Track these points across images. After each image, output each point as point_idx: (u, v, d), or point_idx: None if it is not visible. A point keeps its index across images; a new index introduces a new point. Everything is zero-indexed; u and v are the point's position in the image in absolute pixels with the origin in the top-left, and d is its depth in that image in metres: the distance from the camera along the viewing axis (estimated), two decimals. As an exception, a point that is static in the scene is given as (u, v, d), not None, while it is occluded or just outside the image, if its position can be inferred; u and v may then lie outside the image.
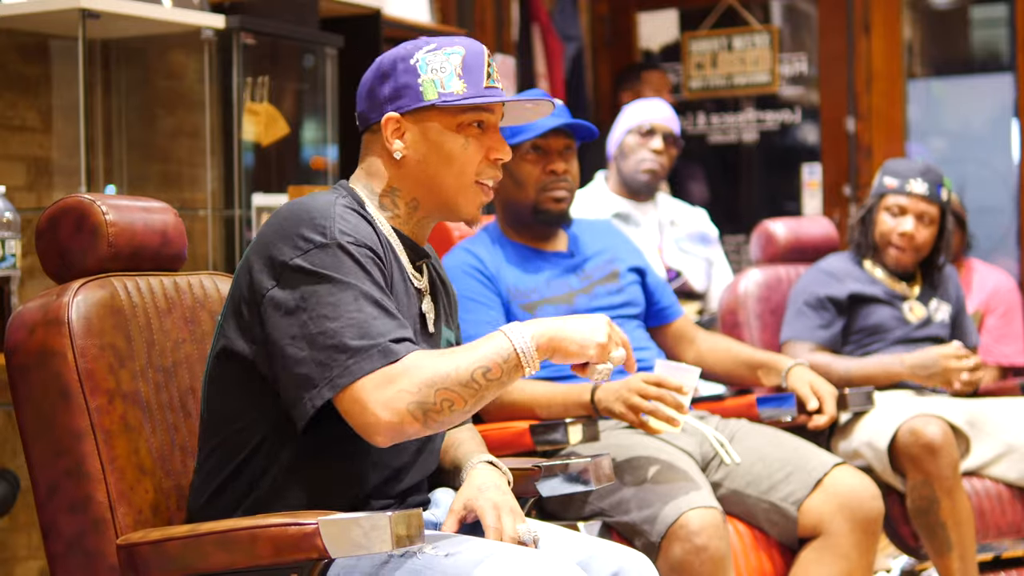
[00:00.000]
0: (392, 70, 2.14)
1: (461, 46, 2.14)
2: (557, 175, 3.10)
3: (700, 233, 4.58)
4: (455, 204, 2.16)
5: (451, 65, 2.11)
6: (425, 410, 1.93)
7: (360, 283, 1.98)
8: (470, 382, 1.95)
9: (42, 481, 2.07)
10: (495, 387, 1.97)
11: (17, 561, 3.75)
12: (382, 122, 2.13)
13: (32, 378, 2.07)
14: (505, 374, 1.97)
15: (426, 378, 1.93)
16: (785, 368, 3.24)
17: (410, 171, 2.14)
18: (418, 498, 2.21)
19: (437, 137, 2.13)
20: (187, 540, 1.93)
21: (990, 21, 6.92)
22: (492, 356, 1.96)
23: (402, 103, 2.13)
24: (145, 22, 3.60)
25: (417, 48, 2.14)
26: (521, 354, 1.97)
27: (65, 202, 2.15)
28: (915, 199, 3.82)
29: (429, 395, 1.93)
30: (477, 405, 1.98)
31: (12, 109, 3.75)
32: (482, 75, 2.13)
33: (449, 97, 2.11)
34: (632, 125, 4.35)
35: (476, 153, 2.14)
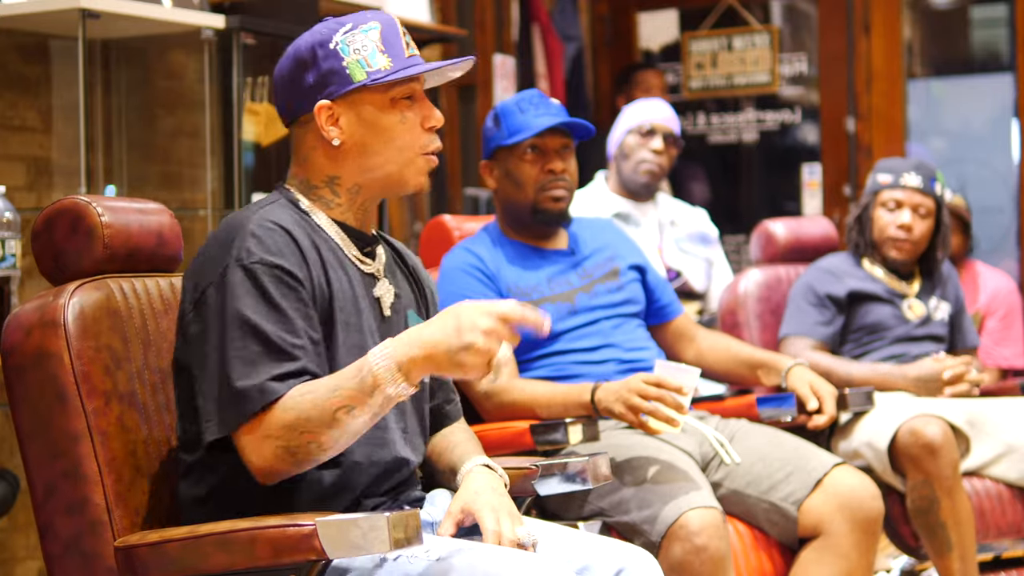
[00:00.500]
0: (313, 57, 2.10)
1: (375, 20, 2.11)
2: (555, 174, 3.10)
3: (700, 233, 4.58)
4: (402, 179, 2.14)
5: (371, 42, 2.09)
6: (292, 453, 1.93)
7: (252, 314, 1.96)
8: (333, 421, 1.92)
9: (39, 483, 2.07)
10: (366, 420, 1.93)
11: (17, 561, 3.75)
12: (314, 112, 2.10)
13: (28, 380, 2.07)
14: (372, 407, 1.91)
15: (290, 422, 1.92)
16: (785, 368, 3.23)
17: (350, 156, 2.11)
18: (412, 493, 2.20)
19: (373, 117, 2.10)
20: (185, 541, 1.93)
21: (990, 21, 6.92)
22: (354, 391, 1.90)
23: (331, 89, 2.09)
24: (145, 22, 3.60)
25: (332, 31, 2.11)
26: (388, 382, 1.90)
27: (61, 204, 2.15)
28: (910, 192, 3.83)
29: (294, 439, 1.92)
30: (351, 438, 1.95)
31: (12, 109, 3.75)
32: (401, 46, 2.11)
33: (377, 75, 2.08)
34: (632, 125, 4.35)
35: (414, 125, 2.12)
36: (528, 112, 3.09)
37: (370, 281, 2.16)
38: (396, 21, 2.13)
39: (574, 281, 3.17)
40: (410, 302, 2.24)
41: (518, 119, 3.09)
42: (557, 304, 3.11)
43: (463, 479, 2.18)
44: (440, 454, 2.29)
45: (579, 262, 3.21)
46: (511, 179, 3.12)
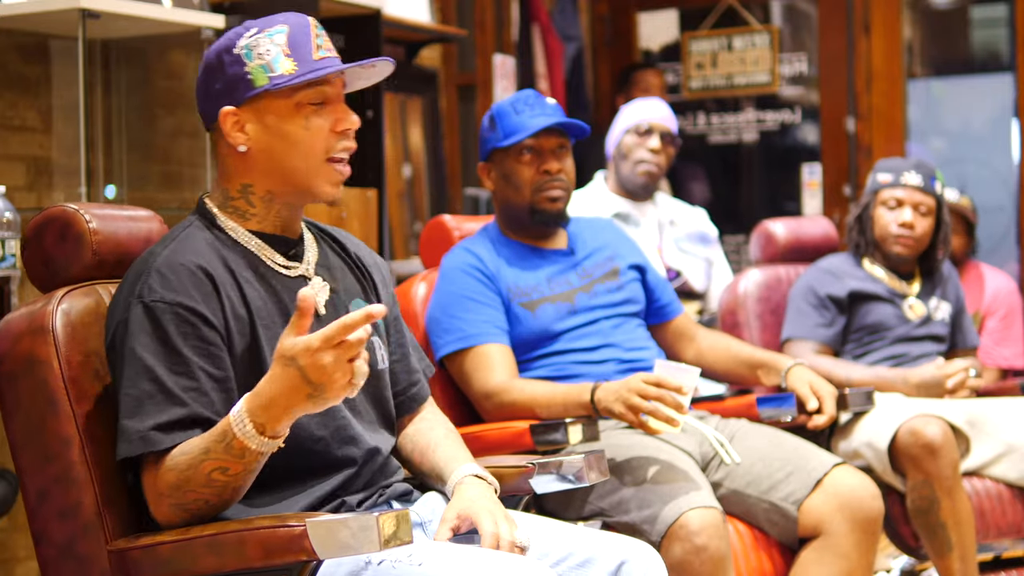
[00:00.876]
0: (219, 63, 2.07)
1: (284, 23, 2.07)
2: (551, 175, 3.10)
3: (700, 233, 4.58)
4: (310, 187, 2.10)
5: (276, 46, 2.05)
6: (186, 510, 1.95)
7: (147, 353, 1.97)
8: (211, 482, 1.92)
9: (32, 488, 2.08)
10: (245, 475, 1.92)
11: (17, 561, 3.75)
12: (219, 118, 2.08)
13: (19, 386, 2.08)
14: (246, 465, 1.90)
15: (173, 481, 1.93)
16: (785, 368, 3.23)
17: (257, 163, 2.09)
18: (396, 485, 2.19)
19: (276, 123, 2.07)
20: (177, 544, 1.94)
21: (990, 21, 6.92)
22: (223, 454, 1.89)
23: (235, 95, 2.06)
24: (145, 22, 3.60)
25: (239, 36, 2.07)
26: (251, 442, 1.88)
27: (49, 212, 2.16)
28: (911, 190, 3.83)
29: (182, 497, 1.94)
30: (237, 492, 1.95)
31: (12, 109, 3.75)
32: (310, 49, 2.06)
33: (279, 80, 2.04)
34: (630, 125, 4.35)
35: (320, 131, 2.07)
36: (523, 113, 3.09)
37: (300, 283, 2.13)
38: (309, 23, 2.09)
39: (574, 281, 3.17)
40: (355, 292, 2.22)
41: (513, 120, 3.09)
42: (557, 304, 3.11)
43: (455, 489, 2.17)
44: (422, 452, 2.27)
45: (579, 262, 3.21)
46: (508, 181, 3.13)
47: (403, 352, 2.32)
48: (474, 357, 3.03)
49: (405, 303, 3.21)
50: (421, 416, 2.33)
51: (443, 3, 5.62)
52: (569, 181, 3.14)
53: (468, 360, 3.04)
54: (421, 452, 2.28)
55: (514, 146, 3.10)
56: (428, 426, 2.32)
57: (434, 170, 5.55)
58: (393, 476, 2.21)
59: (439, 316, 3.09)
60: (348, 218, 3.59)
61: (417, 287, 3.23)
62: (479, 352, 3.03)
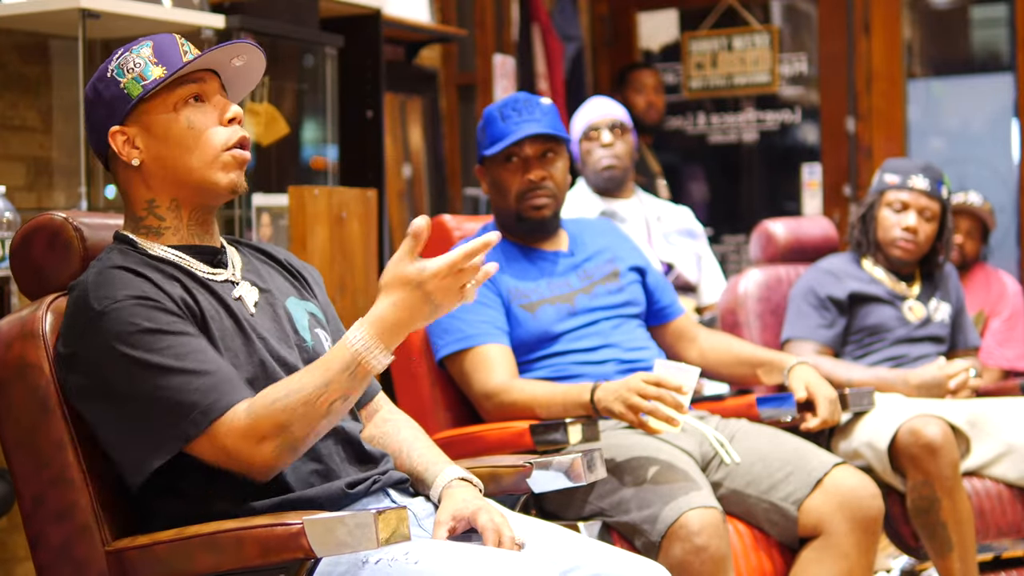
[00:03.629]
0: (96, 93, 2.13)
1: (148, 40, 2.13)
2: (535, 183, 3.10)
3: (686, 229, 4.62)
4: (210, 183, 2.12)
5: (143, 59, 2.10)
6: (294, 447, 1.96)
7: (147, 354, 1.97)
8: (330, 411, 1.96)
9: (27, 493, 2.08)
10: (353, 400, 1.98)
11: (17, 561, 3.75)
12: (109, 139, 2.11)
13: (11, 392, 2.08)
14: (361, 387, 1.97)
15: (282, 422, 1.94)
16: (788, 366, 3.23)
17: (154, 174, 2.12)
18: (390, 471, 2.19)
19: (160, 128, 2.10)
20: (175, 543, 1.94)
21: (990, 21, 6.92)
22: (343, 381, 1.95)
23: (117, 114, 2.11)
24: (145, 22, 3.60)
25: (107, 63, 2.12)
26: (376, 366, 1.95)
27: (37, 220, 2.17)
28: (917, 194, 3.83)
29: (291, 435, 1.95)
30: (340, 418, 1.99)
31: (12, 109, 3.75)
32: (177, 54, 2.10)
33: (151, 84, 2.08)
34: (578, 134, 4.42)
35: (204, 124, 2.11)
36: (509, 120, 3.09)
37: (228, 287, 2.16)
38: (174, 37, 2.14)
39: (574, 282, 3.17)
40: (288, 291, 2.25)
41: (499, 127, 3.10)
42: (557, 305, 3.11)
43: (444, 493, 2.17)
44: (396, 456, 2.27)
45: (579, 263, 3.21)
46: (496, 187, 3.14)
47: None
48: (474, 357, 3.03)
49: (405, 303, 3.20)
50: (381, 416, 2.34)
51: (443, 3, 5.62)
52: (557, 187, 3.13)
53: (468, 360, 3.04)
54: (394, 454, 2.28)
55: (500, 153, 3.10)
56: (394, 427, 2.32)
57: (434, 170, 5.56)
58: (382, 463, 2.20)
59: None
60: (348, 218, 3.59)
61: (417, 287, 3.22)
62: (479, 352, 3.03)
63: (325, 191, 3.55)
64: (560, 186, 3.14)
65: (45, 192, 3.81)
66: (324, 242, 3.48)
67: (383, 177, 4.56)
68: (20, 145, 3.78)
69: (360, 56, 4.54)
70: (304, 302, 2.25)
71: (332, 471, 2.11)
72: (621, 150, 4.39)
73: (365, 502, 2.12)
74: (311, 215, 3.48)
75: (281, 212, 3.96)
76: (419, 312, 1.95)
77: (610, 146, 4.37)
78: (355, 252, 3.60)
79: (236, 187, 2.14)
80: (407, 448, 2.28)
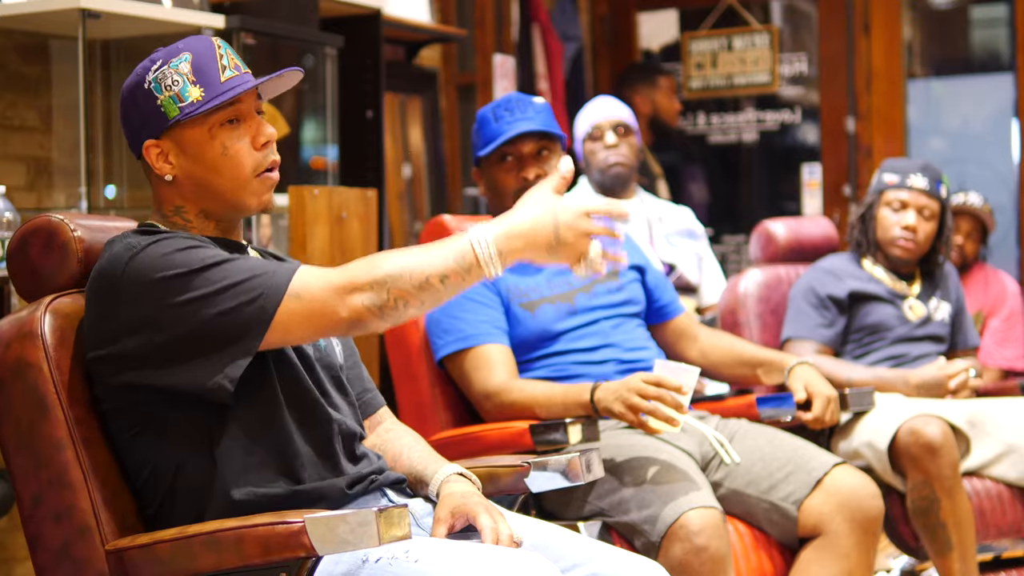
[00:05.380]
0: (133, 100, 2.14)
1: (187, 51, 2.12)
2: (530, 181, 3.10)
3: (687, 229, 4.62)
4: (241, 204, 2.15)
5: (182, 76, 2.10)
6: (379, 306, 1.97)
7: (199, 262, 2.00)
8: (425, 285, 1.98)
9: (26, 493, 2.08)
10: (454, 291, 2.00)
11: (17, 561, 3.75)
12: (143, 151, 2.14)
13: (10, 392, 2.08)
14: (466, 281, 1.99)
15: (379, 278, 1.97)
16: (788, 366, 3.23)
17: (186, 188, 2.14)
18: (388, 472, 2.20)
19: (196, 150, 2.12)
20: (176, 542, 1.94)
21: (990, 21, 6.92)
22: (453, 266, 1.98)
23: (153, 128, 2.12)
24: (145, 22, 3.60)
25: (146, 71, 2.12)
26: (485, 264, 1.98)
27: (34, 222, 2.18)
28: (916, 193, 3.83)
29: (382, 294, 1.97)
30: (435, 305, 2.01)
31: (12, 109, 3.75)
32: (216, 71, 2.11)
33: (188, 108, 2.09)
34: (582, 134, 4.41)
35: (240, 150, 2.13)
36: (502, 119, 3.09)
37: None
38: (213, 45, 2.14)
39: (574, 281, 3.17)
40: None
41: (492, 127, 3.10)
42: (557, 304, 3.11)
43: (442, 488, 2.18)
44: (395, 458, 2.29)
45: (579, 262, 3.20)
46: (493, 188, 3.14)
47: (354, 360, 2.36)
48: (474, 357, 3.03)
49: (405, 303, 3.21)
50: (384, 426, 2.36)
51: (443, 3, 5.62)
52: None
53: (468, 360, 3.04)
54: (393, 457, 2.30)
55: (494, 153, 3.10)
56: (396, 435, 2.34)
57: (434, 170, 5.56)
58: (376, 461, 2.21)
59: (439, 316, 3.09)
60: (348, 218, 3.59)
61: (417, 287, 3.22)
62: (479, 352, 3.03)
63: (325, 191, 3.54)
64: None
65: (45, 192, 3.81)
66: (324, 242, 3.48)
67: (383, 177, 4.56)
68: (20, 145, 3.78)
69: (360, 56, 4.54)
70: None
71: (336, 466, 2.12)
72: (625, 150, 4.38)
73: (363, 501, 2.12)
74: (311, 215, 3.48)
75: (281, 212, 3.96)
76: (541, 239, 1.98)
77: (614, 147, 4.36)
78: (355, 252, 3.60)
79: (266, 206, 2.18)
80: (407, 451, 2.29)
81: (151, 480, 2.07)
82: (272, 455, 2.06)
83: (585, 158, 4.43)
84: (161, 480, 2.06)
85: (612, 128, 4.36)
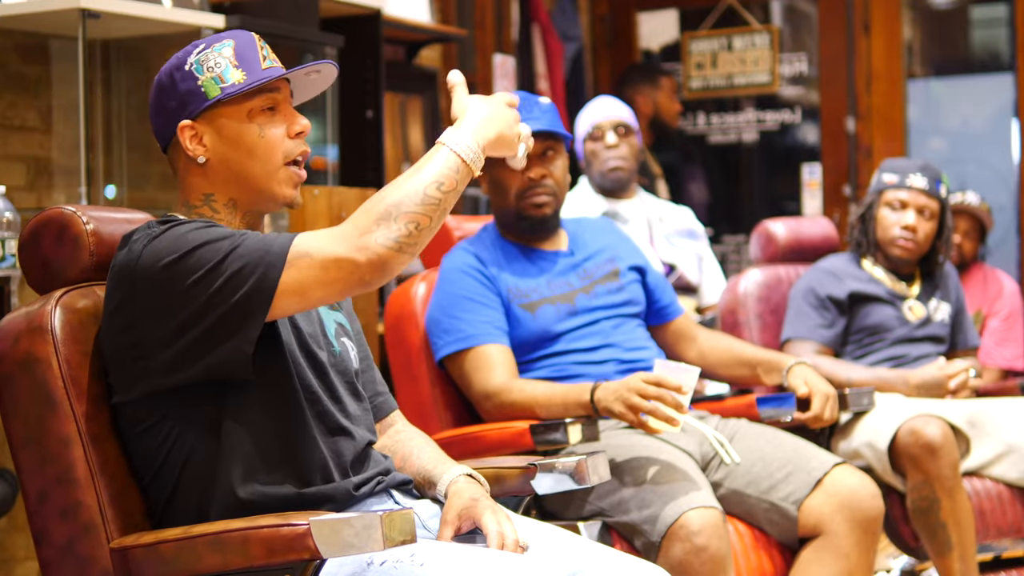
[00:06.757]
0: (171, 82, 2.15)
1: (230, 39, 2.15)
2: (535, 181, 3.10)
3: (687, 229, 4.62)
4: (270, 192, 2.16)
5: (224, 59, 2.12)
6: (396, 239, 1.96)
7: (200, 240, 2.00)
8: (426, 199, 1.98)
9: (32, 489, 2.07)
10: (452, 196, 2.02)
11: (16, 562, 3.75)
12: (177, 132, 2.14)
13: (18, 387, 2.08)
14: (459, 182, 2.03)
15: (380, 212, 1.96)
16: (787, 366, 3.23)
17: (218, 173, 2.15)
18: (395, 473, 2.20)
19: (232, 132, 2.13)
20: (181, 542, 1.93)
21: (990, 21, 6.92)
22: (442, 170, 2.02)
23: (190, 109, 2.13)
24: (145, 22, 3.60)
25: (188, 54, 2.14)
26: (471, 162, 2.04)
27: (46, 214, 2.16)
28: (915, 193, 3.83)
29: (391, 224, 1.96)
30: (442, 218, 2.02)
31: (12, 109, 3.75)
32: (257, 59, 2.13)
33: (231, 88, 2.11)
34: (583, 134, 4.41)
35: (275, 136, 2.14)
36: None
37: None
38: (254, 37, 2.17)
39: (574, 282, 3.17)
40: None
41: None
42: (557, 305, 3.11)
43: (450, 489, 2.18)
44: (404, 459, 2.29)
45: (579, 263, 3.21)
46: (495, 186, 3.14)
47: (368, 364, 2.36)
48: (474, 358, 3.03)
49: (405, 303, 3.21)
50: (395, 428, 2.36)
51: (443, 3, 5.62)
52: (557, 185, 3.13)
53: (468, 361, 3.04)
54: (403, 458, 2.30)
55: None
56: (406, 436, 2.34)
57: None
58: (383, 463, 2.21)
59: (439, 317, 3.09)
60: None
61: (417, 287, 3.23)
62: (479, 353, 3.03)
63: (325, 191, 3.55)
64: (560, 184, 3.14)
65: (45, 192, 3.81)
66: (324, 242, 3.48)
67: (383, 177, 4.56)
68: (20, 145, 3.78)
69: (360, 56, 4.54)
70: (333, 312, 2.29)
71: (345, 471, 2.12)
72: (626, 151, 4.38)
73: (369, 503, 2.12)
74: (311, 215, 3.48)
75: (281, 212, 3.96)
76: (504, 120, 2.13)
77: (615, 147, 4.36)
78: (355, 252, 3.59)
79: (292, 201, 2.19)
80: (416, 452, 2.29)
81: (158, 476, 2.07)
82: (280, 458, 2.06)
83: (586, 158, 4.43)
84: (168, 476, 2.06)
85: (613, 128, 4.36)
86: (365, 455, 2.17)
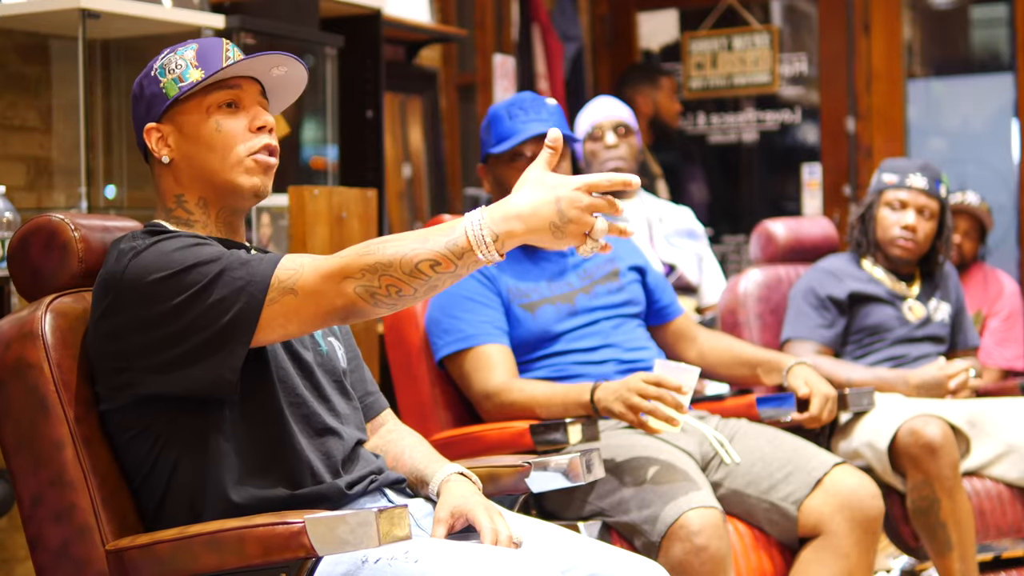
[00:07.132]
0: (140, 89, 2.19)
1: (195, 43, 2.18)
2: None
3: (687, 229, 4.61)
4: (233, 184, 2.16)
5: (186, 61, 2.15)
6: (373, 293, 1.94)
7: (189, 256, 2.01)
8: (416, 272, 1.92)
9: (26, 493, 2.08)
10: (448, 278, 1.94)
11: (17, 561, 3.75)
12: (144, 136, 2.17)
13: (10, 392, 2.09)
14: (460, 267, 1.93)
15: (370, 264, 1.93)
16: (787, 366, 3.23)
17: (183, 172, 2.17)
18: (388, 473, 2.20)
19: (191, 129, 2.15)
20: (176, 542, 1.94)
21: (990, 21, 6.92)
22: (443, 251, 1.91)
23: (154, 111, 2.16)
24: (145, 22, 3.60)
25: (153, 62, 2.18)
26: (478, 248, 1.91)
27: (35, 221, 2.18)
28: (915, 193, 3.83)
29: (375, 281, 1.93)
30: (429, 292, 1.96)
31: (12, 109, 3.75)
32: (219, 59, 2.15)
33: (187, 86, 2.14)
34: (583, 135, 4.40)
35: (233, 131, 2.15)
36: (517, 118, 3.10)
37: None
38: (222, 41, 2.18)
39: (574, 282, 3.17)
40: None
41: (506, 125, 3.10)
42: (557, 305, 3.12)
43: (442, 487, 2.18)
44: (396, 458, 2.30)
45: (579, 263, 3.21)
46: (501, 186, 3.14)
47: (357, 363, 2.37)
48: (474, 358, 3.03)
49: (405, 303, 3.21)
50: (387, 427, 2.37)
51: (443, 3, 5.62)
52: None
53: (468, 361, 3.04)
54: (395, 458, 2.30)
55: (507, 152, 3.11)
56: (398, 436, 2.35)
57: (434, 170, 5.56)
58: (374, 462, 2.21)
59: (439, 317, 3.09)
60: (348, 218, 3.59)
61: (417, 287, 3.22)
62: (479, 352, 3.03)
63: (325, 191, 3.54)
64: None
65: (45, 192, 3.81)
66: (324, 242, 3.48)
67: (383, 177, 4.56)
68: (20, 145, 3.78)
69: (360, 56, 4.54)
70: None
71: (336, 472, 2.12)
72: (625, 151, 4.38)
73: (363, 501, 2.13)
74: (311, 215, 3.48)
75: (281, 212, 3.96)
76: (543, 214, 1.89)
77: (615, 147, 4.36)
78: (355, 252, 3.59)
79: (259, 190, 2.17)
80: (408, 451, 2.30)
81: (147, 480, 2.07)
82: (270, 462, 2.07)
83: (585, 158, 4.43)
84: (157, 481, 2.06)
85: (612, 128, 4.36)
86: (355, 454, 2.18)
